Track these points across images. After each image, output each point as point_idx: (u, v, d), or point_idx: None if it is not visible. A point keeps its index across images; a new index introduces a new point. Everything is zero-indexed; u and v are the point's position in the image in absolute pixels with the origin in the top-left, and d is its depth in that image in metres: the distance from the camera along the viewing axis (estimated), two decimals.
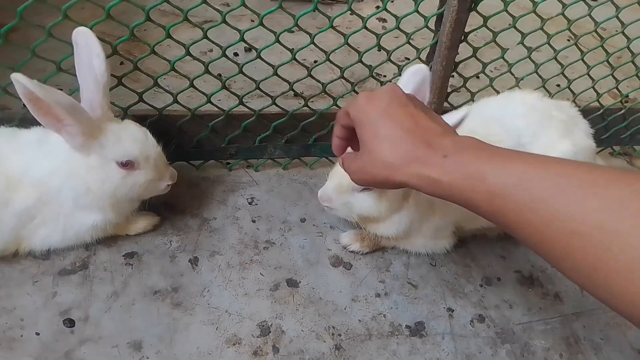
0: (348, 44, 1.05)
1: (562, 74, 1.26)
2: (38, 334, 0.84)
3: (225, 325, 0.89)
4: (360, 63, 1.10)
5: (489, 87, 1.24)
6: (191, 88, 1.07)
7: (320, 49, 1.06)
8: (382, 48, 1.09)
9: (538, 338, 0.95)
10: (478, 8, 1.06)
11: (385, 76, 1.53)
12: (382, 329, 0.93)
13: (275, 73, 1.08)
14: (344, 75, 1.12)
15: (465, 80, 1.21)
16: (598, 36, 1.19)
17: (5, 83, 0.91)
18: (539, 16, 1.12)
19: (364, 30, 1.04)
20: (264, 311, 0.93)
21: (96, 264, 0.96)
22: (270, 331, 0.90)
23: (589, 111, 1.26)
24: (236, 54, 1.48)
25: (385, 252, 1.07)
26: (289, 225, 1.10)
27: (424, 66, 0.82)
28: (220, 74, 1.14)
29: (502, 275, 1.06)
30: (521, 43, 1.16)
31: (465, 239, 1.10)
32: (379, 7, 1.04)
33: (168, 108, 1.08)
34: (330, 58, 1.08)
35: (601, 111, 1.32)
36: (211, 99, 1.10)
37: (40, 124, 0.81)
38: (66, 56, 0.90)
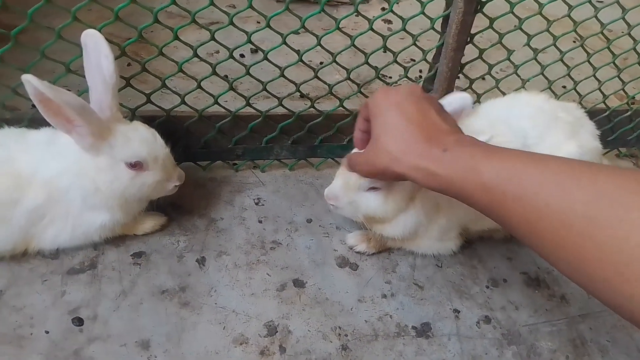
0: (354, 46, 1.06)
1: (568, 76, 1.26)
2: (47, 333, 0.84)
3: (232, 324, 0.90)
4: (366, 64, 1.11)
5: (495, 89, 1.24)
6: (198, 89, 1.07)
7: (326, 51, 1.06)
8: (388, 49, 1.09)
9: (544, 340, 0.95)
10: (484, 10, 1.06)
11: (391, 77, 1.53)
12: (389, 330, 0.93)
13: (282, 74, 1.08)
14: (350, 76, 1.12)
15: (471, 81, 1.21)
16: (604, 38, 1.19)
17: (14, 84, 0.92)
18: (545, 18, 1.12)
19: (370, 31, 1.05)
20: (271, 311, 0.93)
21: (104, 264, 0.97)
22: (277, 331, 0.90)
23: (595, 113, 1.26)
24: (242, 55, 1.49)
25: (391, 253, 1.07)
26: (296, 225, 1.10)
27: (467, 95, 0.87)
28: (226, 75, 1.15)
29: (509, 276, 1.06)
30: (527, 44, 1.16)
31: (471, 241, 1.10)
32: (385, 9, 1.05)
33: (176, 109, 1.09)
34: (336, 59, 1.08)
35: (607, 113, 1.32)
36: (218, 100, 1.10)
37: (49, 125, 0.82)
38: (75, 57, 0.91)
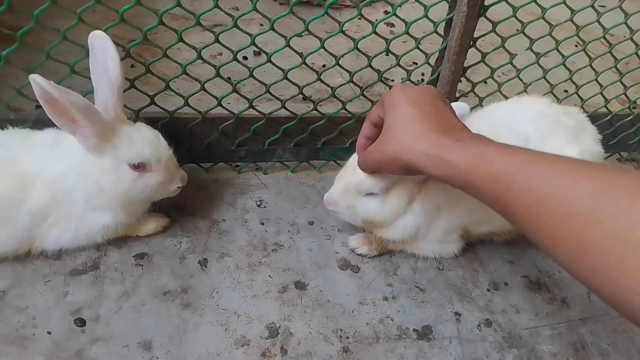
0: (357, 49, 1.06)
1: (570, 80, 1.27)
2: (50, 333, 0.85)
3: (234, 326, 0.90)
4: (369, 67, 1.11)
5: (497, 92, 1.24)
6: (202, 91, 1.08)
7: (329, 53, 1.07)
8: (391, 52, 1.10)
9: (545, 343, 0.95)
10: (487, 14, 1.06)
11: (393, 80, 1.53)
12: (390, 332, 0.93)
13: (285, 77, 1.09)
14: (353, 79, 1.12)
15: (473, 85, 1.21)
16: (606, 42, 1.19)
17: (20, 85, 0.93)
18: (548, 22, 1.12)
19: (373, 34, 1.05)
20: (273, 313, 0.93)
21: (107, 265, 0.97)
22: (278, 333, 0.90)
23: (597, 117, 1.26)
24: (245, 58, 1.49)
25: (392, 256, 1.07)
26: (297, 228, 1.11)
27: (467, 106, 0.89)
28: (230, 77, 1.15)
29: (510, 280, 1.06)
30: (529, 49, 1.16)
31: (472, 244, 1.10)
32: (388, 12, 1.05)
33: (179, 111, 1.09)
34: (339, 62, 1.09)
35: (609, 117, 1.32)
36: (221, 102, 1.10)
37: (53, 126, 0.82)
38: (80, 58, 0.92)
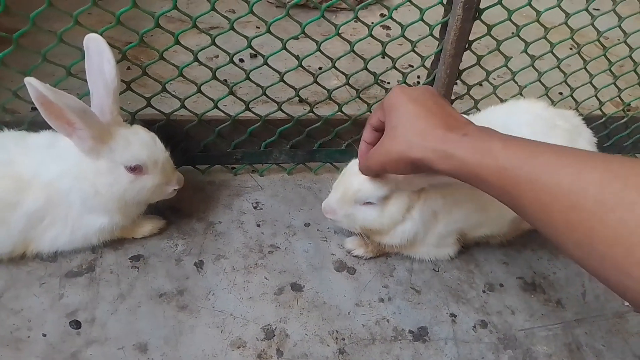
0: (354, 51, 1.06)
1: (565, 82, 1.27)
2: (45, 335, 0.85)
3: (230, 328, 0.90)
4: (365, 70, 1.11)
5: (493, 95, 1.25)
6: (198, 93, 1.08)
7: (326, 56, 1.07)
8: (387, 55, 1.10)
9: (540, 344, 0.95)
10: (482, 17, 1.07)
11: (389, 83, 1.54)
12: (386, 334, 0.93)
13: (281, 79, 1.09)
14: (349, 82, 1.13)
15: (469, 87, 1.22)
16: (600, 45, 1.20)
17: (15, 87, 0.92)
18: (543, 25, 1.13)
19: (369, 37, 1.05)
20: (269, 315, 0.93)
21: (103, 267, 0.97)
22: (274, 335, 0.90)
23: (592, 119, 1.27)
24: (242, 60, 1.49)
25: (389, 258, 1.08)
26: (294, 229, 1.11)
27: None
28: (226, 80, 1.15)
29: (505, 281, 1.06)
30: (524, 51, 1.17)
31: (468, 246, 1.10)
32: (384, 15, 1.06)
33: (175, 113, 1.09)
34: (335, 65, 1.09)
35: (603, 119, 1.33)
36: (218, 104, 1.11)
37: (49, 128, 0.82)
38: (77, 61, 0.92)
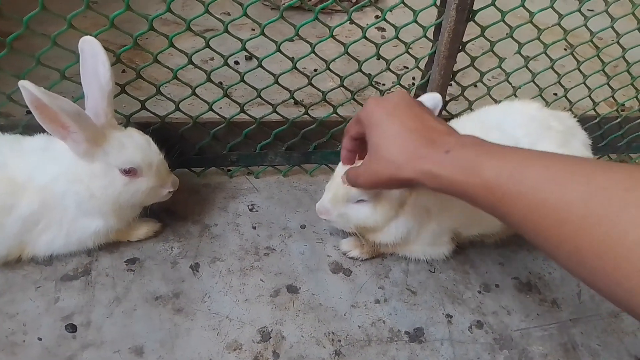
0: (348, 53, 1.07)
1: (559, 83, 1.28)
2: (40, 339, 0.84)
3: (226, 330, 0.90)
4: (360, 72, 1.12)
5: (487, 96, 1.25)
6: (193, 96, 1.08)
7: (320, 58, 1.07)
8: (382, 57, 1.10)
9: (536, 344, 0.96)
10: (476, 18, 1.07)
11: (384, 84, 1.55)
12: (382, 335, 0.93)
13: (276, 81, 1.09)
14: (344, 83, 1.13)
15: (463, 89, 1.22)
16: (594, 46, 1.21)
17: (9, 91, 0.92)
18: (536, 26, 1.13)
19: (364, 39, 1.06)
20: (265, 317, 0.93)
21: (98, 270, 0.97)
22: (270, 337, 0.90)
23: (586, 120, 1.28)
24: (237, 62, 1.49)
25: (384, 259, 1.08)
26: (289, 231, 1.11)
27: (438, 95, 0.88)
28: (221, 82, 1.16)
29: (500, 281, 1.07)
30: (518, 52, 1.18)
31: (463, 246, 1.11)
32: (378, 17, 1.06)
33: (170, 115, 1.09)
34: (330, 67, 1.09)
35: (597, 119, 1.34)
36: (213, 107, 1.11)
37: (44, 131, 0.82)
38: (71, 64, 0.92)
